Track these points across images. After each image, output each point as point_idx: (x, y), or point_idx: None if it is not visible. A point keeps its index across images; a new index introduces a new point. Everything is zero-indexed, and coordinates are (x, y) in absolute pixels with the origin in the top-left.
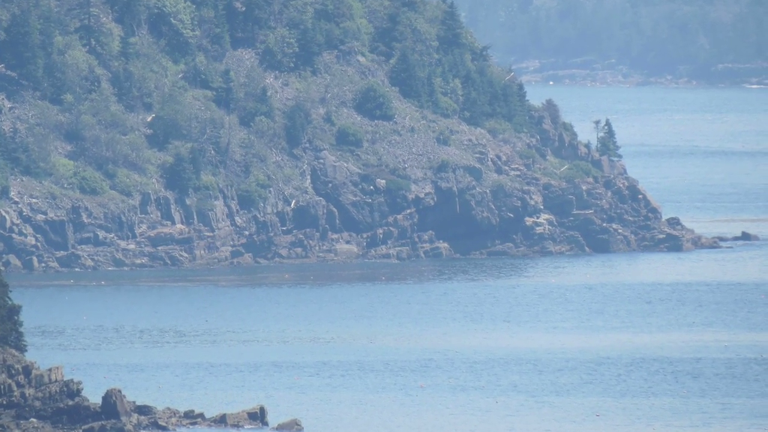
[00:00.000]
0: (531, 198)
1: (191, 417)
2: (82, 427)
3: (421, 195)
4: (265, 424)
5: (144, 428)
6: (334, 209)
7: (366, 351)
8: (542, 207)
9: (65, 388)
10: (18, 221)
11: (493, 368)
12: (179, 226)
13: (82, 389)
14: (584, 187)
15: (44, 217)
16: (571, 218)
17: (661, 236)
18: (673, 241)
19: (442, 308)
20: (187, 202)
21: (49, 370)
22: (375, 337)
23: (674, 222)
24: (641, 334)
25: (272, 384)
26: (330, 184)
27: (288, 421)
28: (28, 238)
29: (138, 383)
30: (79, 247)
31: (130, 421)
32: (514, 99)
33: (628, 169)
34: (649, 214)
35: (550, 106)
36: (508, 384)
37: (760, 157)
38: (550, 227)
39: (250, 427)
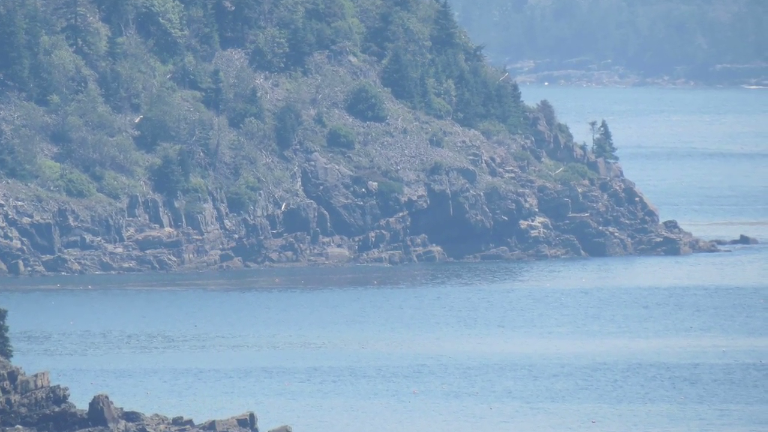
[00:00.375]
0: (526, 201)
1: (180, 423)
2: None
3: (414, 198)
4: (255, 430)
5: None
6: (326, 212)
7: (358, 356)
8: (537, 210)
9: (51, 394)
10: (3, 224)
11: (487, 374)
12: (167, 229)
13: (69, 395)
14: (580, 190)
15: (30, 220)
16: (567, 221)
17: (658, 240)
18: (671, 245)
19: (436, 313)
20: (176, 204)
21: (35, 375)
22: (367, 342)
23: (671, 225)
24: (638, 340)
25: (262, 390)
26: (321, 187)
27: (278, 428)
28: (14, 241)
29: (126, 389)
30: (65, 250)
31: (118, 428)
32: (509, 100)
33: (624, 171)
34: (646, 217)
35: (545, 107)
36: (502, 390)
37: (759, 159)
38: (545, 230)
39: None
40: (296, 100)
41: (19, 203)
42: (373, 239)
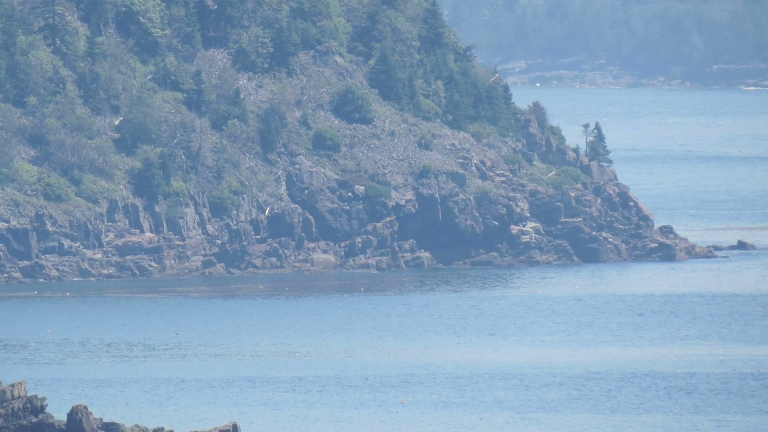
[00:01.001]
0: (517, 205)
1: None
2: None
3: (402, 202)
4: None
5: None
6: (311, 217)
7: (344, 365)
8: (529, 215)
9: (29, 405)
10: None
11: (477, 384)
12: (148, 234)
13: (47, 406)
14: (573, 194)
15: (7, 225)
16: (559, 226)
17: (654, 245)
18: (666, 251)
19: (424, 321)
20: (157, 209)
21: (12, 385)
22: (353, 350)
23: (667, 230)
24: (632, 348)
25: (246, 400)
26: (306, 191)
27: None
28: None
29: (105, 399)
30: (43, 256)
31: None
32: (500, 101)
33: (618, 174)
34: (641, 222)
35: (537, 109)
36: (493, 400)
37: (757, 162)
38: (536, 236)
39: None
40: (281, 102)
41: None
42: (360, 245)
